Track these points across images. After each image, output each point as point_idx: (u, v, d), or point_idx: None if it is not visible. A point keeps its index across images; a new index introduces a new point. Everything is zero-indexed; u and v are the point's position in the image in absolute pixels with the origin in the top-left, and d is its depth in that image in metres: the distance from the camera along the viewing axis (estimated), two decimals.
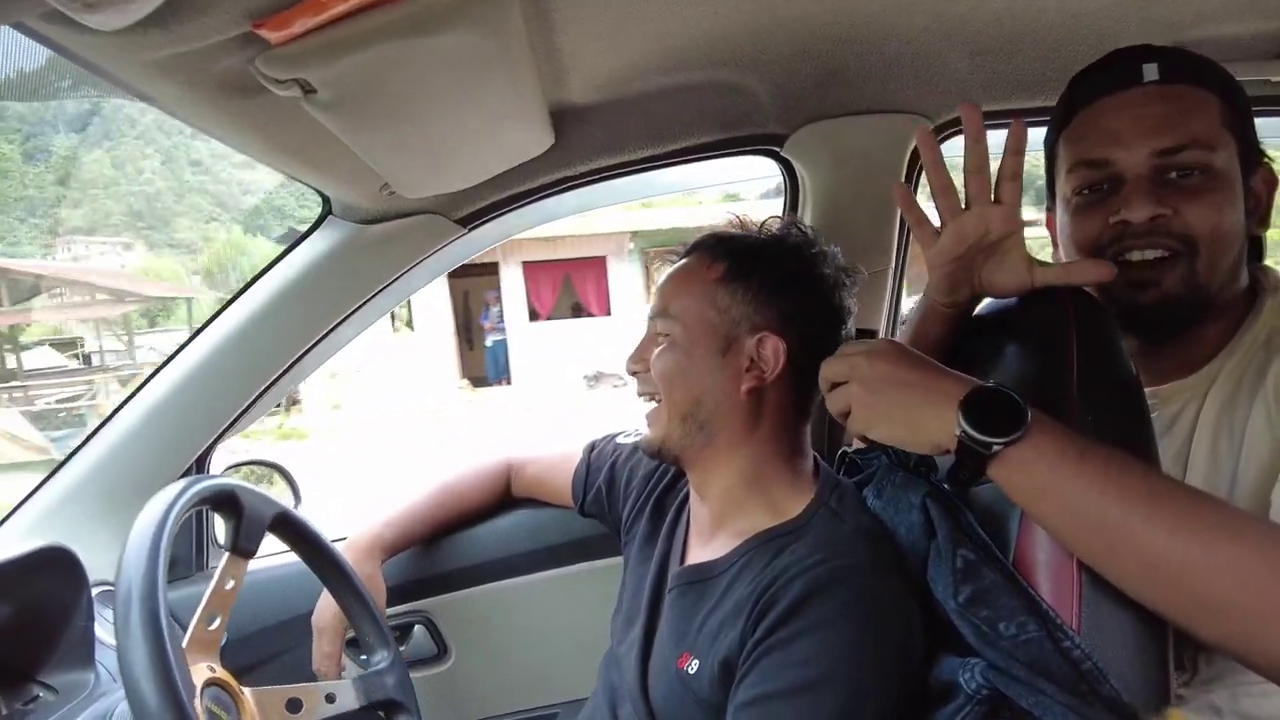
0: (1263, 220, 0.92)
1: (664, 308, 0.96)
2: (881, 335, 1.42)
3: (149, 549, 0.79)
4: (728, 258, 0.94)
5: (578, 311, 13.03)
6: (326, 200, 1.24)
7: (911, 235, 1.33)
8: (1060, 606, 0.70)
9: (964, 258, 0.87)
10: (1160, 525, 0.63)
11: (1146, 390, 0.95)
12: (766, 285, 0.92)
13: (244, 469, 1.51)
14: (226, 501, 0.95)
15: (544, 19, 0.92)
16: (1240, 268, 0.91)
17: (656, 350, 0.95)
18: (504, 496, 1.40)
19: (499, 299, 12.58)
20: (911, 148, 1.33)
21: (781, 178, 1.40)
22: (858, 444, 1.03)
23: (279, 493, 1.48)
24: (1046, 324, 0.83)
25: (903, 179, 1.33)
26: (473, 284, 12.90)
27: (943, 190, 0.86)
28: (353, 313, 1.35)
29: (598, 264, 12.57)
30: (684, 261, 0.98)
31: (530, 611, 1.40)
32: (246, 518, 0.96)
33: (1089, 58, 0.98)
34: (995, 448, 0.67)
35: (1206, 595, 0.62)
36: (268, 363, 1.34)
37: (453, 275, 5.94)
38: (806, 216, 1.38)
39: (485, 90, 0.90)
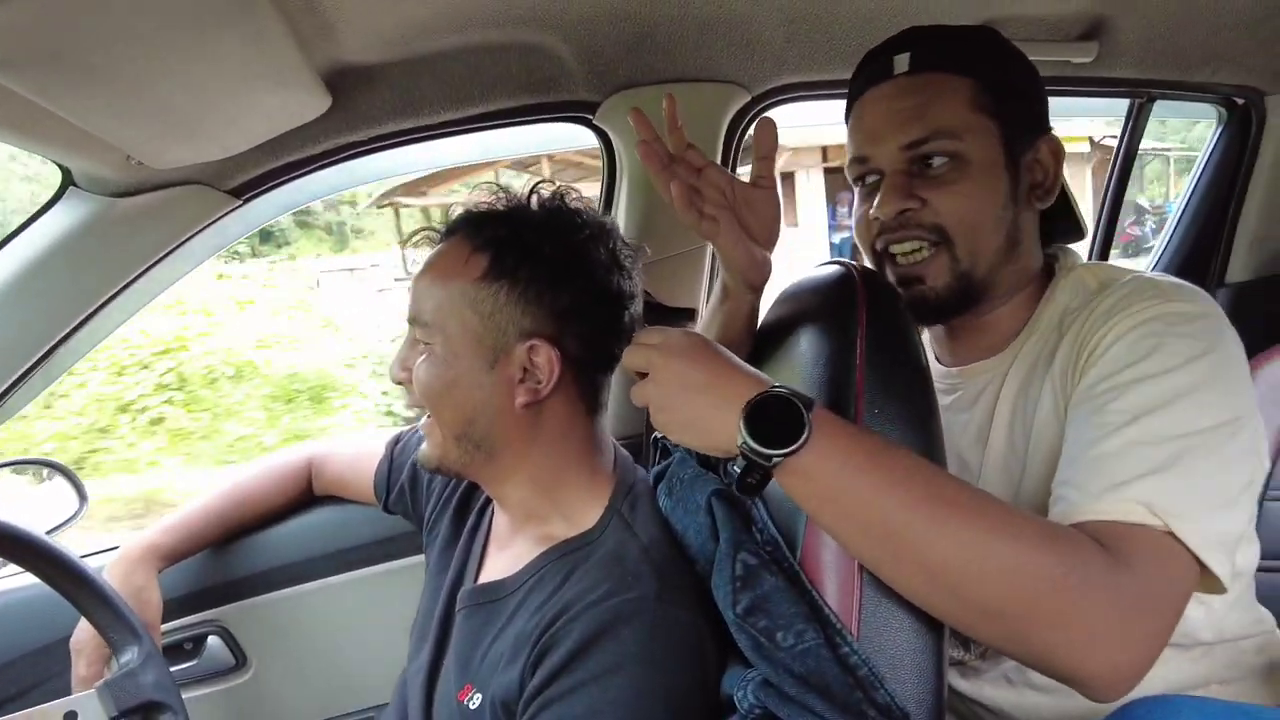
0: (1046, 194, 0.91)
1: (419, 312, 0.85)
2: (701, 315, 1.39)
3: None
4: (489, 249, 0.83)
5: None
6: (66, 171, 1.07)
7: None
8: (842, 609, 0.69)
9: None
10: (942, 532, 0.62)
11: (952, 369, 0.97)
12: (535, 281, 0.82)
13: (8, 469, 1.31)
14: None
15: None
16: (1017, 250, 0.90)
17: (419, 360, 0.85)
18: (305, 496, 1.29)
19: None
20: (730, 118, 1.29)
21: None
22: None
23: (59, 494, 1.31)
24: (838, 303, 0.81)
25: (719, 151, 1.29)
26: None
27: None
28: (117, 293, 1.18)
29: (788, 178, 12.38)
30: (440, 250, 0.87)
31: (334, 615, 1.31)
32: None
33: (902, 27, 0.94)
34: (775, 460, 0.64)
35: (984, 600, 0.62)
36: (11, 353, 1.16)
37: None
38: (623, 190, 1.32)
39: (219, 49, 0.78)
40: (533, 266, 0.82)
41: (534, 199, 0.87)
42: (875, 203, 0.88)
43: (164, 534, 1.14)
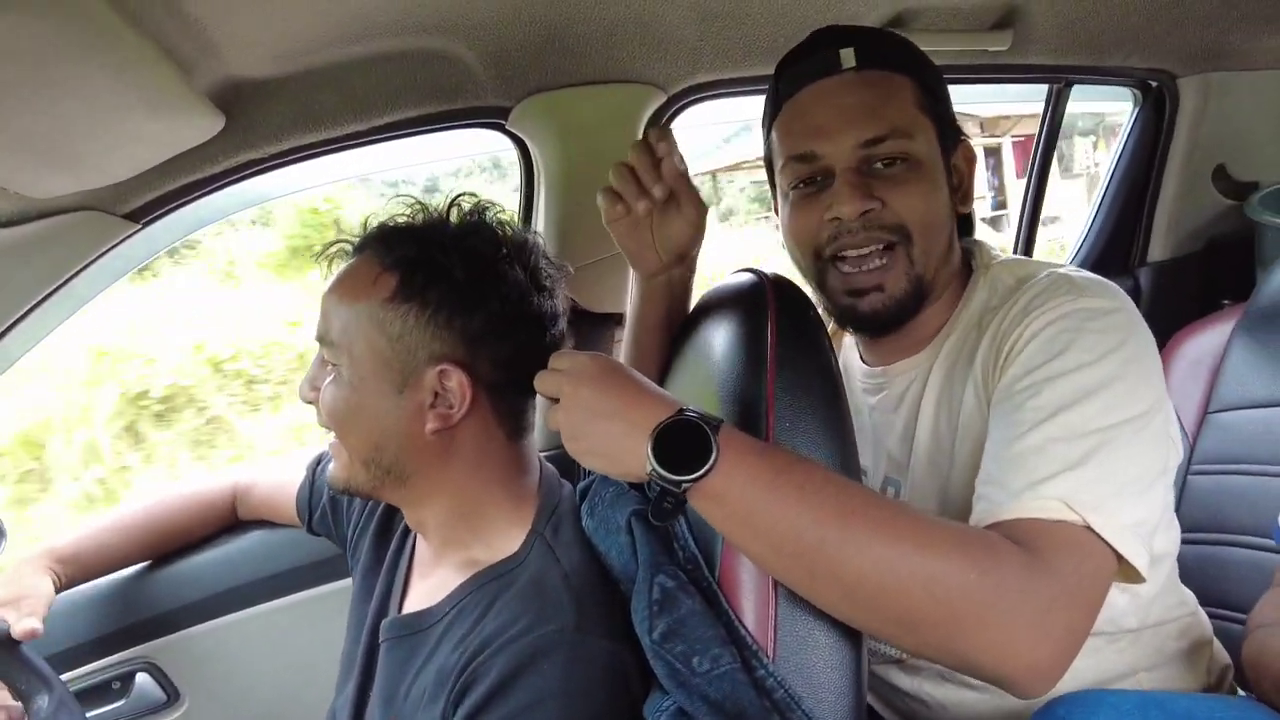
0: (965, 197, 0.93)
1: (326, 331, 0.82)
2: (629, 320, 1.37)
3: None
4: (398, 269, 0.80)
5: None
6: None
7: None
8: (758, 629, 0.68)
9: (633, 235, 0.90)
10: (855, 545, 0.62)
11: (875, 369, 0.97)
12: (445, 304, 0.79)
13: None
14: None
15: None
16: (952, 249, 0.92)
17: (325, 381, 0.83)
18: (226, 522, 1.25)
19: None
20: (646, 119, 1.27)
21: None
22: None
23: None
24: (749, 313, 0.80)
25: None
26: None
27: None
28: (11, 325, 1.12)
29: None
30: (349, 267, 0.83)
31: (266, 644, 1.27)
32: None
33: (815, 24, 0.94)
34: (684, 485, 0.64)
35: (902, 611, 0.62)
36: None
37: None
38: (540, 195, 1.29)
39: (85, 81, 0.74)
40: (443, 289, 0.79)
41: (453, 212, 0.84)
42: (830, 203, 0.86)
43: (68, 542, 1.09)
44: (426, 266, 0.80)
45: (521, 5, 1.04)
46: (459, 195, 0.86)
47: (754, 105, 1.03)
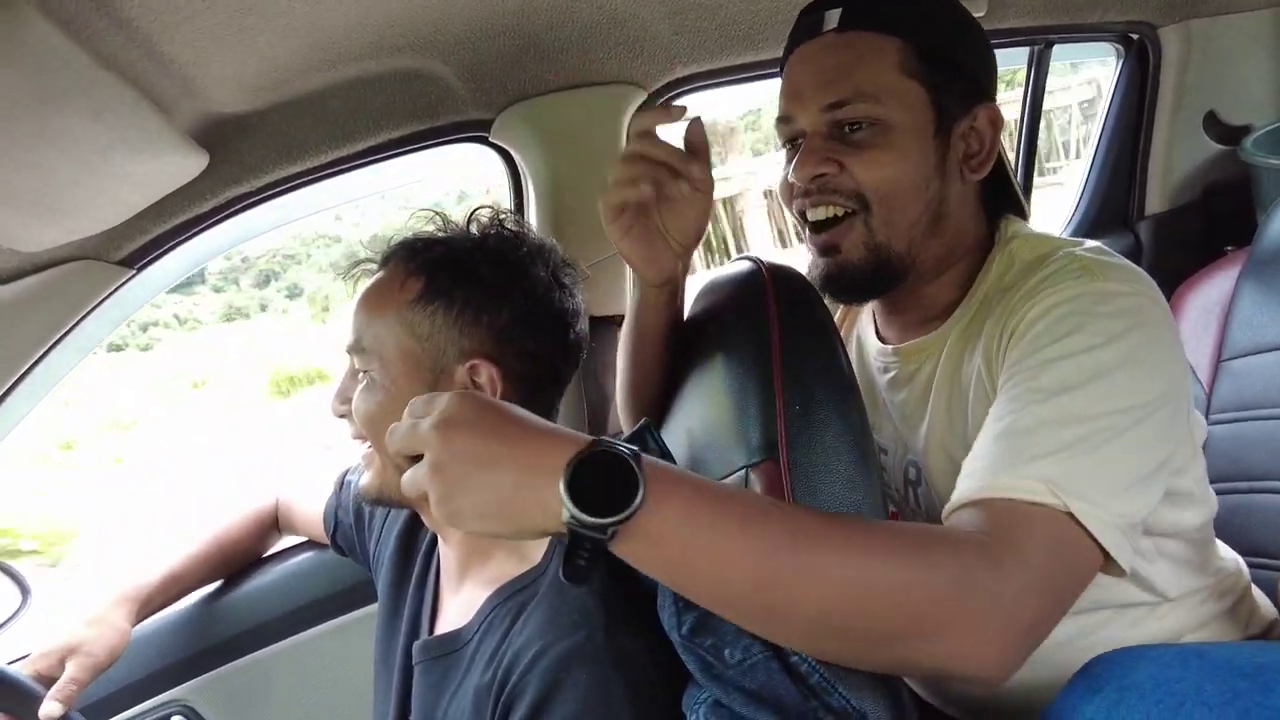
0: (979, 165, 0.86)
1: (358, 340, 0.84)
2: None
3: None
4: (423, 272, 0.82)
5: None
6: None
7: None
8: None
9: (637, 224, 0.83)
10: (811, 572, 0.57)
11: (889, 347, 0.95)
12: (471, 302, 0.81)
13: None
14: None
15: (128, 32, 0.75)
16: (944, 224, 0.85)
17: (358, 389, 0.84)
18: (276, 537, 1.28)
19: None
20: (629, 119, 1.27)
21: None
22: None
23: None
24: (749, 304, 0.79)
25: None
26: None
27: None
28: (14, 385, 1.13)
29: None
30: (377, 277, 0.85)
31: (300, 677, 1.27)
32: None
33: (790, 7, 0.91)
34: (611, 530, 0.55)
35: (872, 630, 0.59)
36: None
37: None
38: (530, 205, 1.29)
39: (64, 128, 0.74)
40: (469, 286, 0.81)
41: (473, 225, 0.87)
42: (792, 165, 0.84)
43: (144, 577, 1.10)
44: (452, 266, 0.82)
45: (494, 17, 1.04)
46: (477, 208, 0.88)
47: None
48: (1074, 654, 0.72)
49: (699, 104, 1.42)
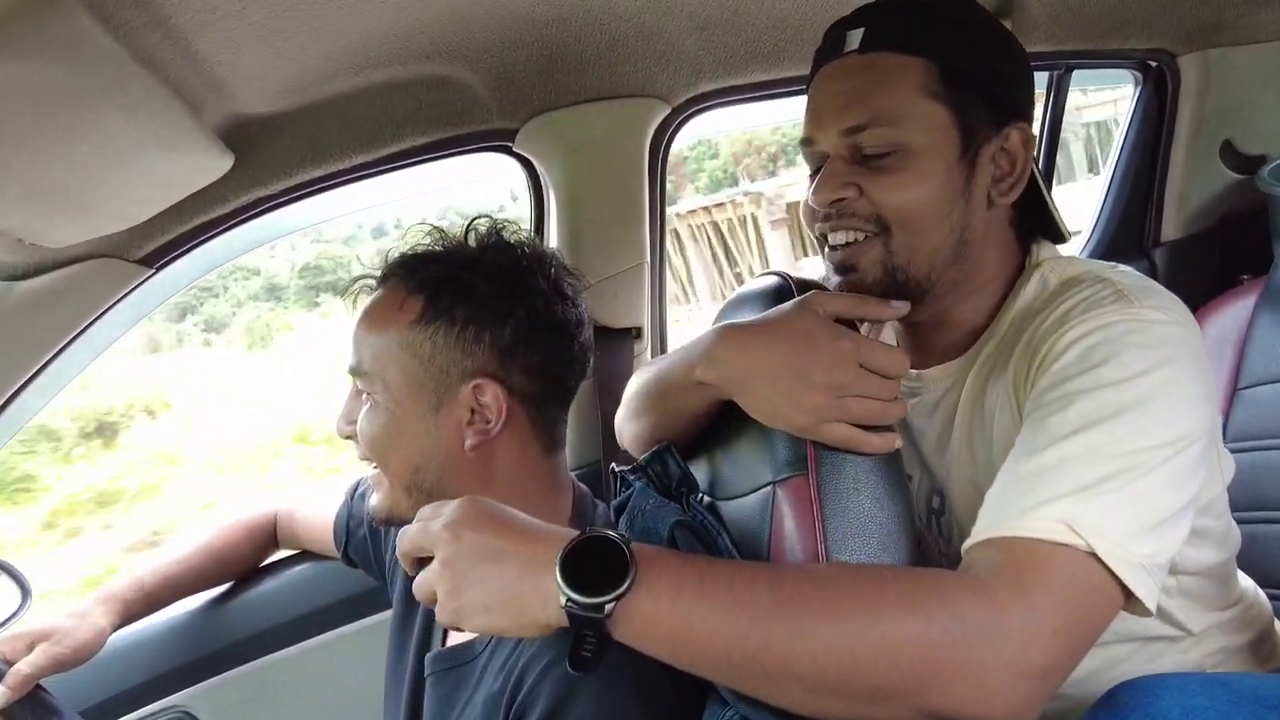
0: (1011, 189, 0.82)
1: (359, 362, 0.83)
2: (647, 333, 1.36)
3: None
4: (423, 290, 0.81)
5: None
6: None
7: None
8: None
9: None
10: (802, 635, 0.58)
11: (914, 372, 0.90)
12: (473, 319, 0.80)
13: None
14: None
15: (164, 29, 0.75)
16: (968, 249, 0.82)
17: (362, 411, 0.83)
18: (272, 550, 1.27)
19: None
20: (652, 133, 1.27)
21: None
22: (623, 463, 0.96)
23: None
24: None
25: (644, 166, 1.27)
26: None
27: None
28: (30, 379, 1.12)
29: None
30: (376, 297, 0.85)
31: (303, 685, 1.26)
32: None
33: (817, 24, 0.90)
34: (608, 607, 0.58)
35: (868, 688, 0.58)
36: None
37: None
38: (551, 215, 1.29)
39: (97, 124, 0.74)
40: (470, 304, 0.80)
41: (471, 236, 0.85)
42: (812, 189, 0.82)
43: (123, 583, 1.09)
44: (451, 284, 0.81)
45: (524, 27, 1.04)
46: (475, 219, 0.87)
47: None
48: (1094, 688, 0.69)
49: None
